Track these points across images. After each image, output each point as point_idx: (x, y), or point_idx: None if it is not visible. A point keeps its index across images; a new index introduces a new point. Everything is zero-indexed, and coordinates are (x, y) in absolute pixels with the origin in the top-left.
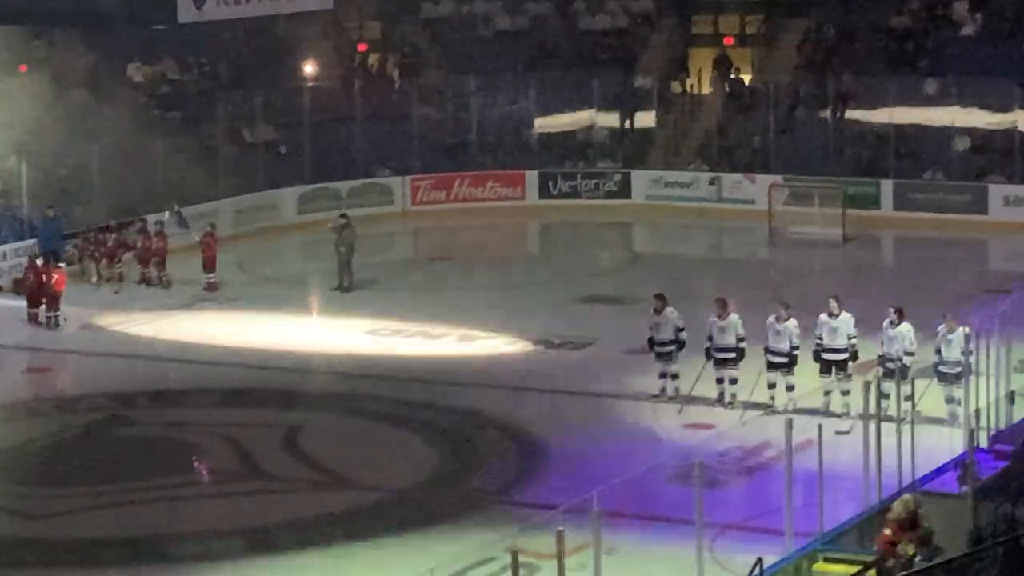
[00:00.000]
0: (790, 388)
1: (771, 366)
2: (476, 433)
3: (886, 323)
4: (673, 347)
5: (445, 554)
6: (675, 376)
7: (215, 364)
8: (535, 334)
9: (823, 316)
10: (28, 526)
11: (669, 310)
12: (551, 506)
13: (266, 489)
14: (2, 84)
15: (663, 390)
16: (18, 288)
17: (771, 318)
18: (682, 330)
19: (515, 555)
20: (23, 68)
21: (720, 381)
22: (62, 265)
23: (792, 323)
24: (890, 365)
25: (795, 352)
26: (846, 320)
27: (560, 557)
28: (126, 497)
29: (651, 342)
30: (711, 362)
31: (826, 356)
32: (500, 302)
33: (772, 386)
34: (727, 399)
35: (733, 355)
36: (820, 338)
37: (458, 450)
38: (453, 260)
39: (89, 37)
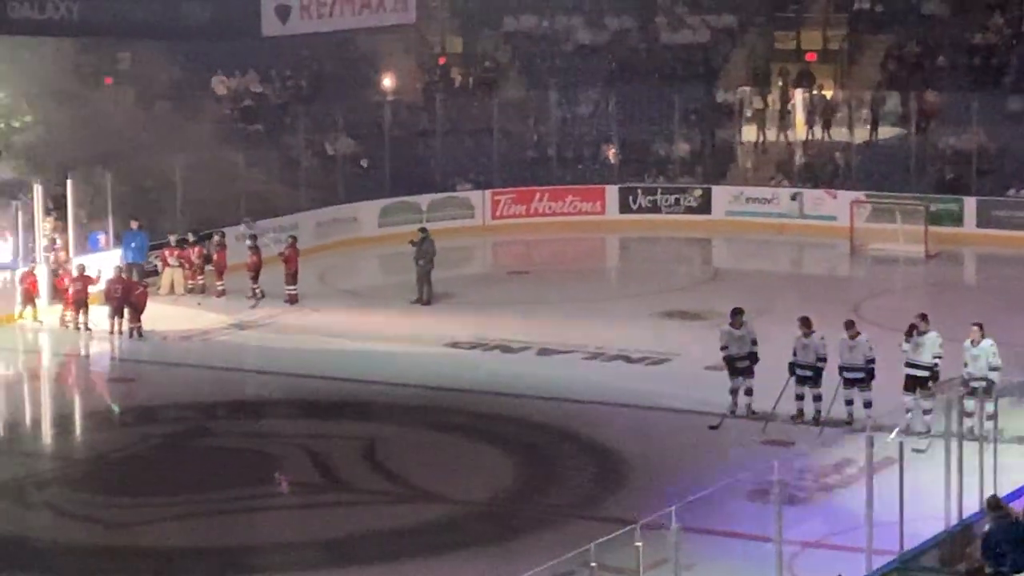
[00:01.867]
0: (867, 404)
1: (847, 383)
2: (554, 447)
3: (967, 341)
4: (747, 362)
5: (523, 569)
6: (749, 392)
7: (295, 376)
8: (614, 349)
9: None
10: (108, 535)
11: (747, 325)
12: (630, 521)
13: (345, 501)
14: (88, 96)
15: (736, 405)
16: (104, 299)
17: (844, 334)
18: (756, 344)
19: (594, 570)
20: (108, 80)
21: (800, 398)
22: (147, 279)
23: (864, 338)
24: (974, 384)
25: (871, 367)
26: (932, 338)
27: (639, 573)
28: (206, 508)
29: (732, 358)
30: (793, 378)
31: (910, 372)
32: (579, 316)
33: (850, 403)
34: (810, 416)
35: (813, 373)
36: (906, 354)
37: (536, 464)
38: (532, 274)
39: (174, 50)
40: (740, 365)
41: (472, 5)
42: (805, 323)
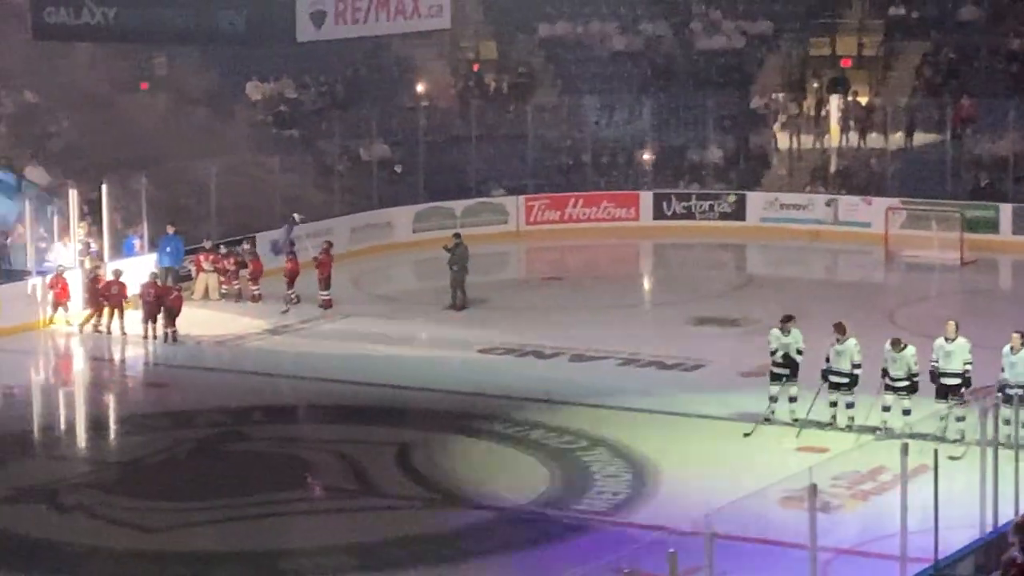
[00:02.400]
0: (907, 412)
1: (887, 388)
2: (588, 453)
3: (1006, 348)
4: (787, 369)
5: (556, 575)
6: (792, 399)
7: (329, 380)
8: (648, 355)
9: (939, 340)
10: (143, 539)
11: (794, 331)
12: (663, 528)
13: (378, 506)
14: (123, 101)
15: (772, 413)
16: (139, 304)
17: (887, 344)
18: (800, 352)
19: None
20: (144, 86)
21: (834, 404)
22: (182, 283)
23: (910, 351)
24: (1010, 391)
25: (915, 378)
26: (962, 345)
27: None
28: (239, 512)
29: (793, 364)
30: (826, 385)
31: (943, 380)
32: (613, 323)
33: (886, 409)
34: (843, 423)
35: (847, 379)
36: (935, 361)
37: (569, 470)
38: (566, 280)
39: (209, 55)
40: (780, 372)
41: (506, 11)
42: (839, 329)
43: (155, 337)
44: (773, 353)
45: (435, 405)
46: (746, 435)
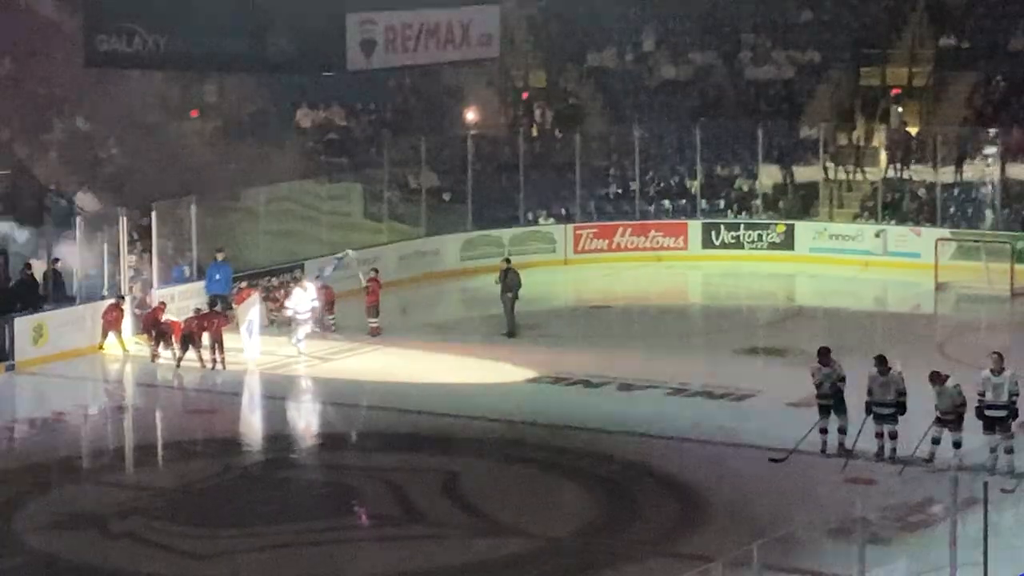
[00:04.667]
0: (957, 445)
1: (938, 420)
2: (635, 482)
3: None
4: (831, 400)
5: None
6: (842, 430)
7: (376, 408)
8: (697, 385)
9: (985, 372)
10: (191, 566)
11: (835, 363)
12: (711, 559)
13: (425, 534)
14: (174, 128)
15: (825, 444)
16: (185, 332)
17: (930, 382)
18: (843, 380)
19: None
20: (194, 113)
21: (879, 436)
22: (230, 311)
23: (951, 383)
24: None
25: (961, 409)
26: (1009, 377)
27: None
28: (285, 539)
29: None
30: (871, 416)
31: (988, 413)
32: (661, 352)
33: (936, 441)
34: (887, 454)
35: (892, 410)
36: (983, 394)
37: (617, 499)
38: (614, 309)
39: (259, 83)
40: (825, 403)
41: (556, 40)
42: (881, 361)
43: (203, 365)
44: (818, 386)
45: (482, 433)
46: (774, 460)
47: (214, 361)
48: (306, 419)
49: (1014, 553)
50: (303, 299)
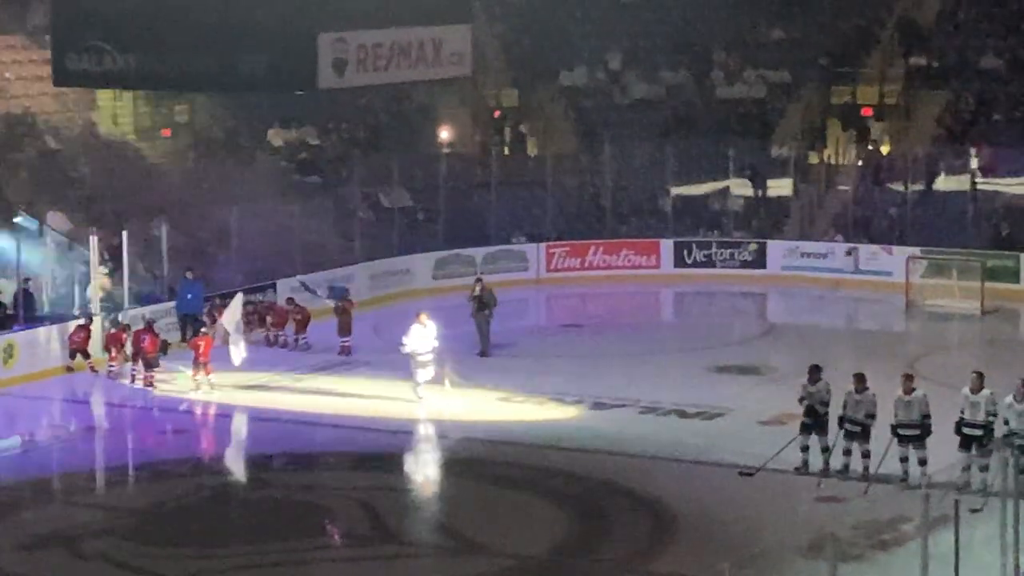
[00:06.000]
0: (922, 462)
1: (902, 439)
2: (608, 501)
3: (1009, 397)
4: (811, 419)
5: None
6: (826, 449)
7: (348, 428)
8: (668, 403)
9: (965, 390)
10: None
11: (822, 383)
12: None
13: (398, 554)
14: (145, 148)
15: (806, 463)
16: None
17: (899, 391)
18: (825, 404)
19: None
20: (166, 132)
21: (847, 453)
22: (203, 330)
23: (919, 394)
24: (1020, 441)
25: (927, 422)
26: (987, 397)
27: None
28: (259, 559)
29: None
30: (842, 433)
31: (966, 431)
32: (633, 370)
33: (904, 460)
34: (858, 472)
35: (859, 429)
36: (962, 412)
37: (589, 517)
38: (586, 327)
39: (231, 102)
40: (807, 420)
41: (527, 59)
42: (859, 379)
43: (195, 384)
44: (800, 402)
45: (455, 452)
46: (743, 474)
47: (198, 381)
48: (278, 438)
49: (985, 570)
50: (424, 337)
